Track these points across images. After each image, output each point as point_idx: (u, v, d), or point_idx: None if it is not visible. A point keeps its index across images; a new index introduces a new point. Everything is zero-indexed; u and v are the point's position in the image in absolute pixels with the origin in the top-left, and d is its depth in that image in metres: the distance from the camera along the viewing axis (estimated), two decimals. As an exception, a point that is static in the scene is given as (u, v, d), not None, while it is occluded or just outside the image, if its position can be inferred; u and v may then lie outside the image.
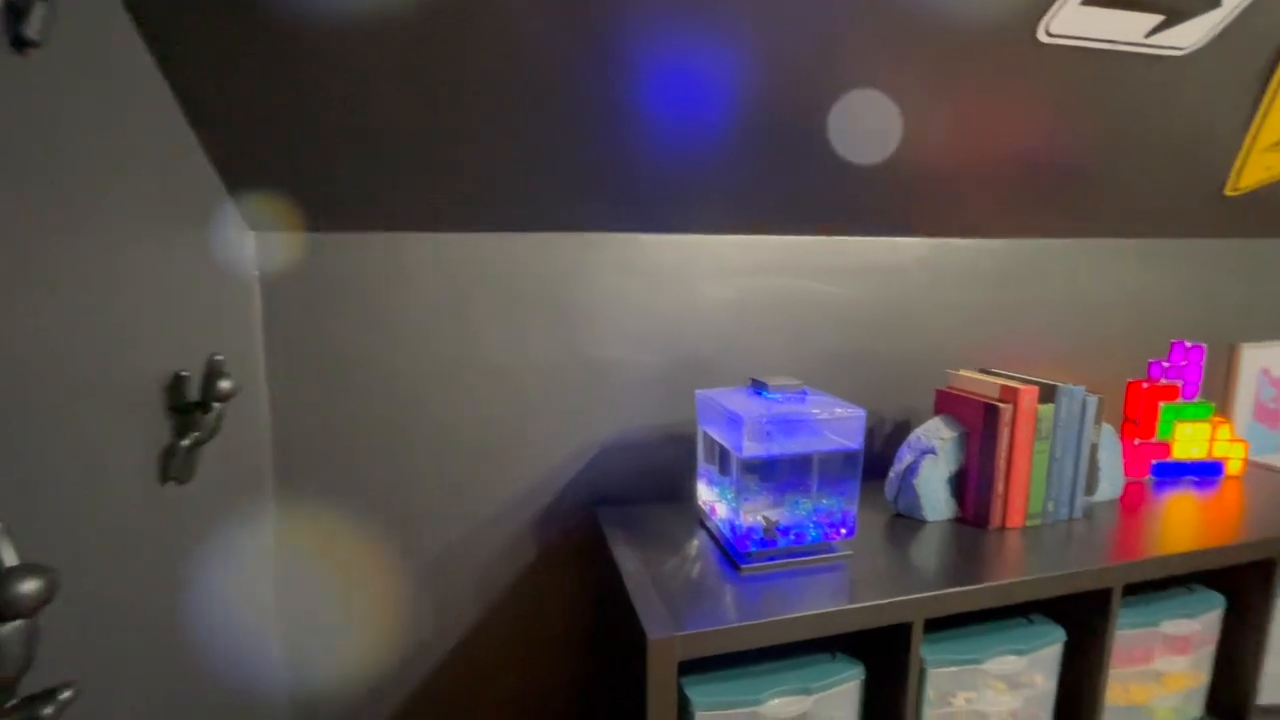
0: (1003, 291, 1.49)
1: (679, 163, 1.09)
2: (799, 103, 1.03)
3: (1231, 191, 1.43)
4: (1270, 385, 1.78)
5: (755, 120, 1.04)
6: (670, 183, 1.13)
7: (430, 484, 1.18)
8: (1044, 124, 1.19)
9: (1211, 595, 1.21)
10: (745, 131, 1.05)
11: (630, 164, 1.07)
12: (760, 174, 1.15)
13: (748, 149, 1.09)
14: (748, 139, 1.07)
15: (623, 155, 1.05)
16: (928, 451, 1.17)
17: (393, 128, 0.92)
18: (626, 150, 1.04)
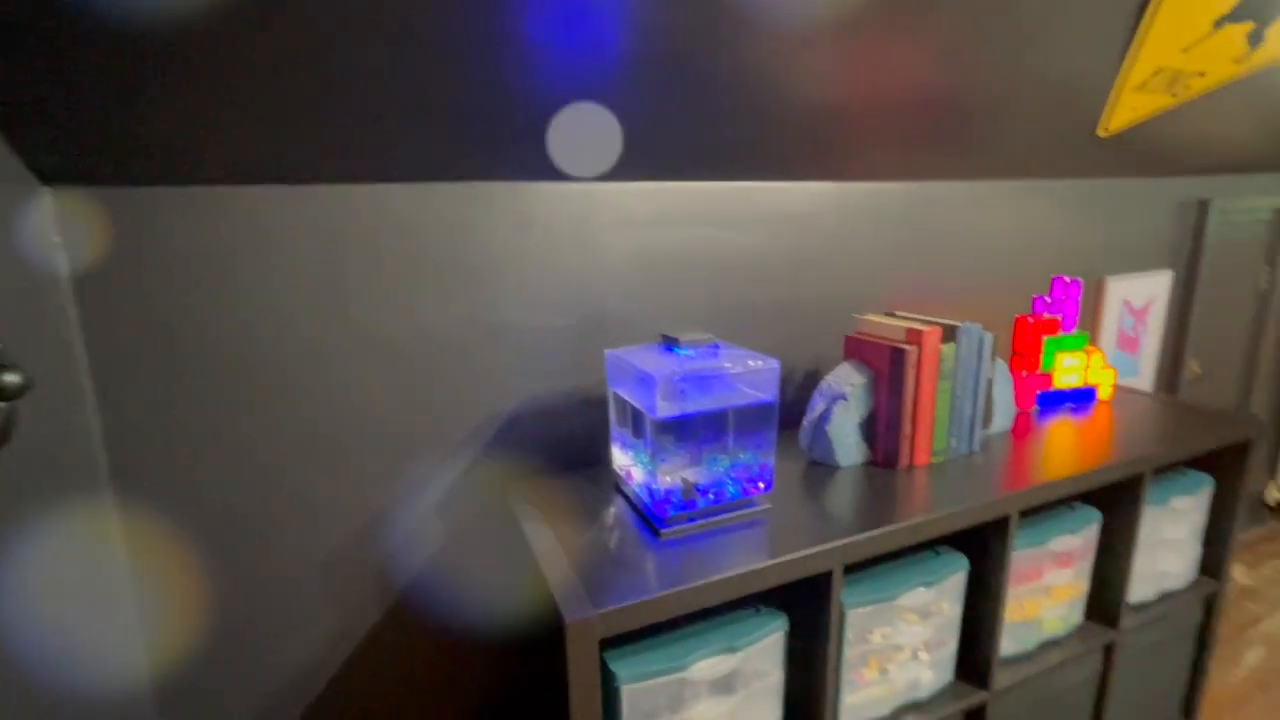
0: (903, 234, 1.51)
1: (571, 104, 0.98)
2: (700, 43, 0.95)
3: (1103, 132, 1.50)
4: (1130, 315, 1.94)
5: (654, 58, 0.95)
6: (563, 126, 1.02)
7: (305, 477, 1.05)
8: (934, 62, 1.18)
9: (1090, 511, 1.31)
10: (643, 69, 0.96)
11: (516, 104, 0.95)
12: (661, 116, 1.07)
13: (647, 88, 1.00)
14: (646, 77, 0.98)
15: (508, 94, 0.93)
16: (839, 398, 1.17)
17: (230, 54, 0.76)
18: (512, 88, 0.92)
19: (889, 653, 1.08)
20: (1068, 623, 1.32)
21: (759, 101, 1.11)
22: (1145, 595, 1.41)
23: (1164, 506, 1.37)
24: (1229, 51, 1.36)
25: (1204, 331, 2.17)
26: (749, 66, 1.03)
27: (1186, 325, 2.08)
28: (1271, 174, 2.18)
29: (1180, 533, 1.42)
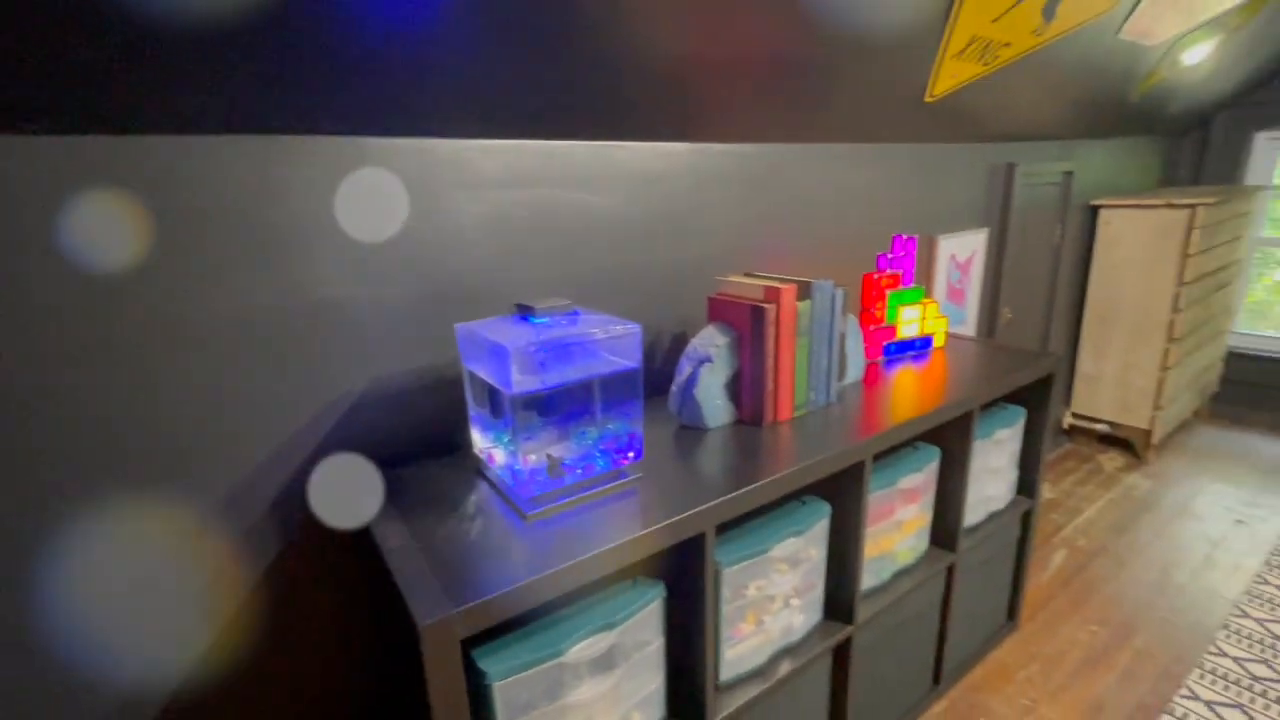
0: (758, 195, 1.53)
1: (405, 47, 0.86)
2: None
3: (929, 98, 1.61)
4: (956, 269, 2.15)
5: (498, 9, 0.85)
6: (394, 73, 0.89)
7: (92, 500, 0.87)
8: (777, 26, 1.18)
9: (930, 449, 1.43)
10: (484, 13, 0.86)
11: (339, 44, 0.81)
12: (511, 68, 0.97)
13: (489, 33, 0.90)
14: (488, 21, 0.88)
15: (328, 31, 0.79)
16: (705, 360, 1.17)
17: None
18: (334, 26, 0.78)
19: (764, 604, 1.12)
20: (916, 552, 1.45)
21: (609, 56, 1.05)
22: (977, 518, 1.58)
23: (989, 439, 1.53)
24: (1028, 24, 1.50)
25: (1013, 281, 2.46)
26: (598, 19, 0.96)
27: (1000, 276, 2.35)
28: (1060, 141, 2.49)
29: (1002, 460, 1.60)
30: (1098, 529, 2.38)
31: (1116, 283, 2.78)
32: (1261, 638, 1.78)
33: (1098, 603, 1.98)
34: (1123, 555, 2.21)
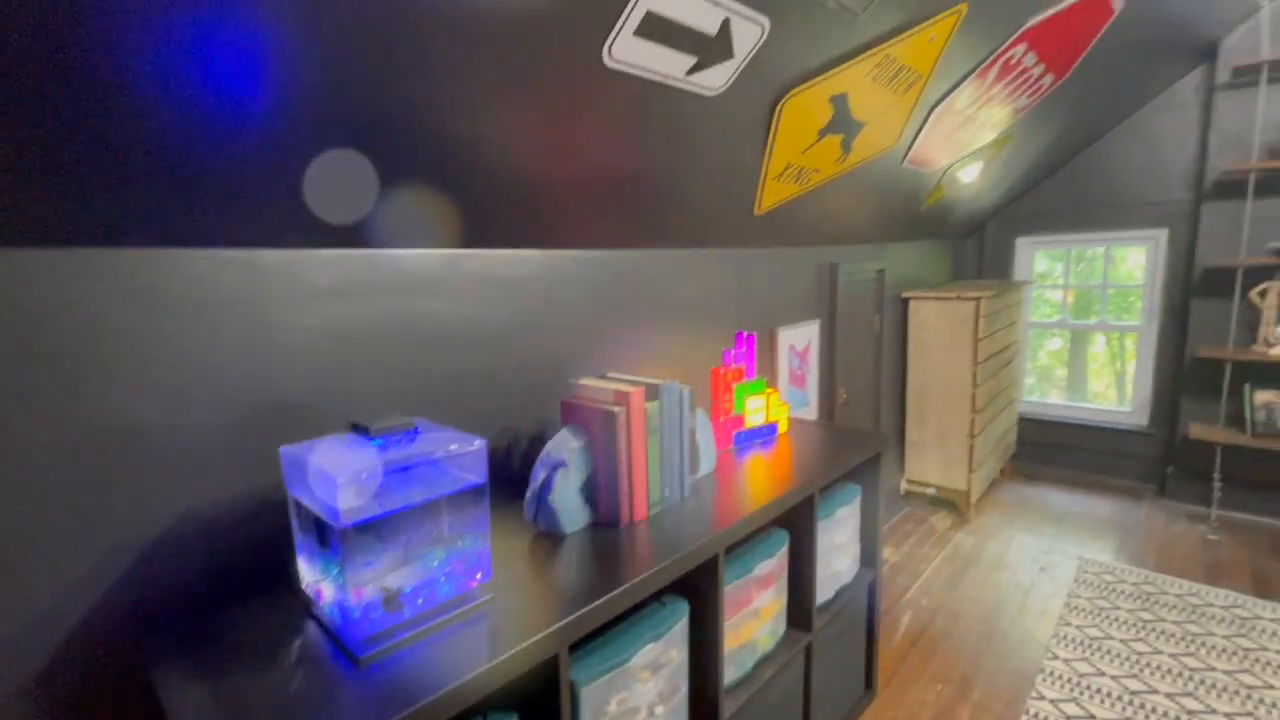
0: (613, 298, 1.60)
1: (223, 156, 0.82)
2: (396, 105, 0.88)
3: (758, 212, 1.81)
4: (796, 357, 2.36)
5: (328, 112, 0.85)
6: (213, 181, 0.85)
7: None
8: (627, 144, 1.29)
9: (781, 533, 1.51)
10: (325, 130, 0.85)
11: (147, 152, 0.76)
12: (349, 180, 0.96)
13: (326, 146, 0.89)
14: (329, 137, 0.87)
15: (135, 138, 0.74)
16: (559, 465, 1.17)
17: None
18: (142, 133, 0.73)
19: (626, 717, 1.08)
20: (775, 636, 1.49)
21: (462, 169, 1.08)
22: (827, 595, 1.67)
23: (832, 518, 1.64)
24: (832, 155, 1.77)
25: (845, 365, 2.75)
26: (449, 134, 0.99)
27: (834, 361, 2.61)
28: (873, 244, 2.89)
29: (845, 536, 1.72)
30: (935, 587, 2.60)
31: (928, 362, 3.20)
32: (1070, 677, 2.01)
33: (940, 660, 2.14)
34: (957, 610, 2.43)
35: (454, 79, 0.92)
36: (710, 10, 1.06)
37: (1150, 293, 3.46)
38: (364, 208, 1.04)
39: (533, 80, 1.00)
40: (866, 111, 1.67)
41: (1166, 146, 3.27)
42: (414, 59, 0.86)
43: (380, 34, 0.80)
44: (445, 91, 0.93)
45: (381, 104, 0.89)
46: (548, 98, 1.06)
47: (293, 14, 0.73)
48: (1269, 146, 2.92)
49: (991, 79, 1.97)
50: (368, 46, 0.81)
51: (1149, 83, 3.10)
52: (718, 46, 1.14)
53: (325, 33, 0.77)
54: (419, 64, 0.87)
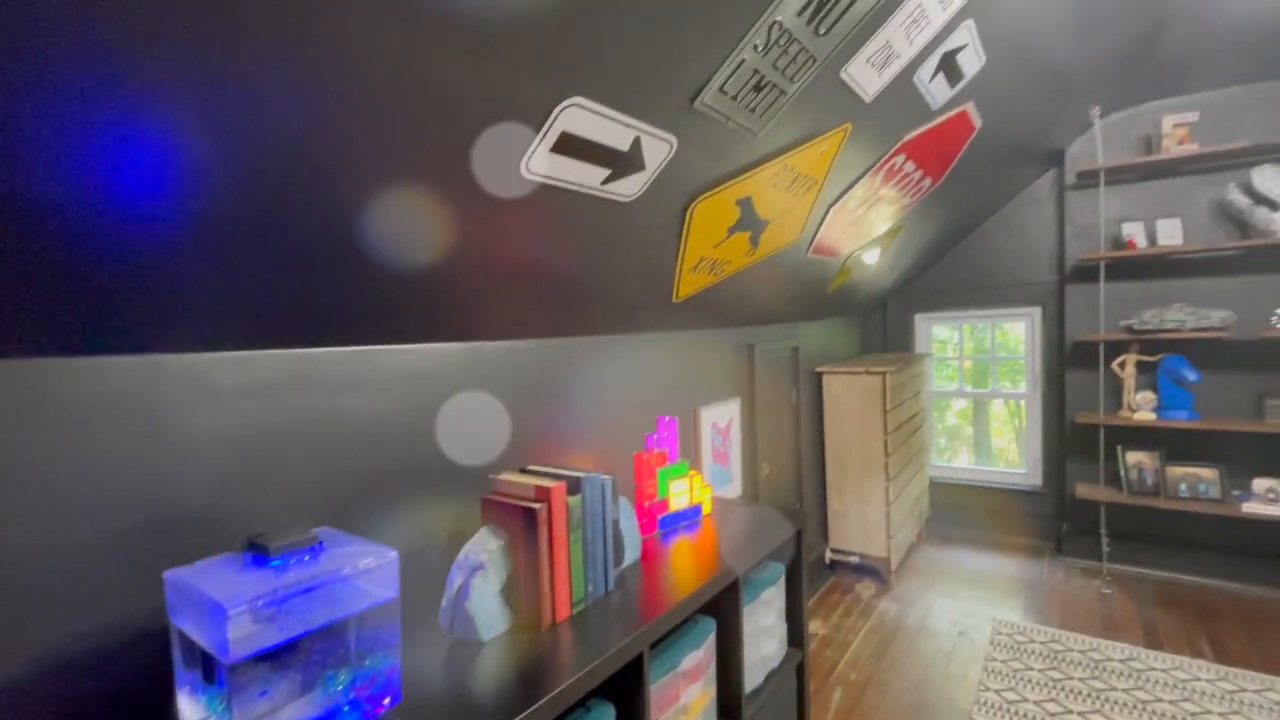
0: (534, 388, 1.61)
1: (113, 260, 0.80)
2: (301, 208, 0.88)
3: (677, 299, 1.90)
4: (719, 435, 2.42)
5: (233, 211, 0.84)
6: (102, 286, 0.82)
7: None
8: (545, 243, 1.35)
9: (707, 621, 1.50)
10: (221, 226, 0.85)
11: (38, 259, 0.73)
12: (253, 281, 0.95)
13: (231, 247, 0.88)
14: (227, 236, 0.86)
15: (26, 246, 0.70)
16: (477, 568, 1.13)
17: None
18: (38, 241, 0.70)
19: (549, 844, 1.01)
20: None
21: (376, 268, 1.08)
22: (756, 682, 1.66)
23: (757, 600, 1.66)
24: (741, 249, 1.90)
25: (767, 439, 2.84)
26: (361, 234, 1.00)
27: (755, 437, 2.70)
28: (787, 323, 3.06)
29: (771, 618, 1.73)
30: (864, 659, 2.63)
31: (843, 433, 3.35)
32: (991, 745, 2.06)
33: (871, 738, 2.14)
34: (885, 681, 2.46)
35: (365, 182, 0.95)
36: (622, 130, 1.15)
37: (1031, 363, 3.83)
38: (273, 308, 1.02)
39: (452, 186, 1.04)
40: (770, 211, 1.82)
41: (1033, 235, 3.72)
42: (328, 159, 0.88)
43: (296, 134, 0.82)
44: (353, 194, 0.95)
45: (290, 204, 0.90)
46: (467, 202, 1.10)
47: (197, 114, 0.74)
48: (1112, 238, 3.37)
49: (879, 182, 2.20)
50: (282, 146, 0.83)
51: (1013, 182, 3.54)
52: (630, 160, 1.23)
53: (237, 133, 0.78)
54: (332, 164, 0.89)
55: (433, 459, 1.35)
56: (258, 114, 0.76)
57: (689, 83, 1.19)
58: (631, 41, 1.02)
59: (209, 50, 0.67)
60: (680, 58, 1.12)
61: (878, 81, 1.57)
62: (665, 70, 1.13)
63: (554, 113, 1.02)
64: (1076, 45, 2.24)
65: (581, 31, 0.95)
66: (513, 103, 0.97)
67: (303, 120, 0.79)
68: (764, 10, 1.12)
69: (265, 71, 0.72)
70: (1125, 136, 3.29)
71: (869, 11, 1.29)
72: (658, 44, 1.07)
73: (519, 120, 1.00)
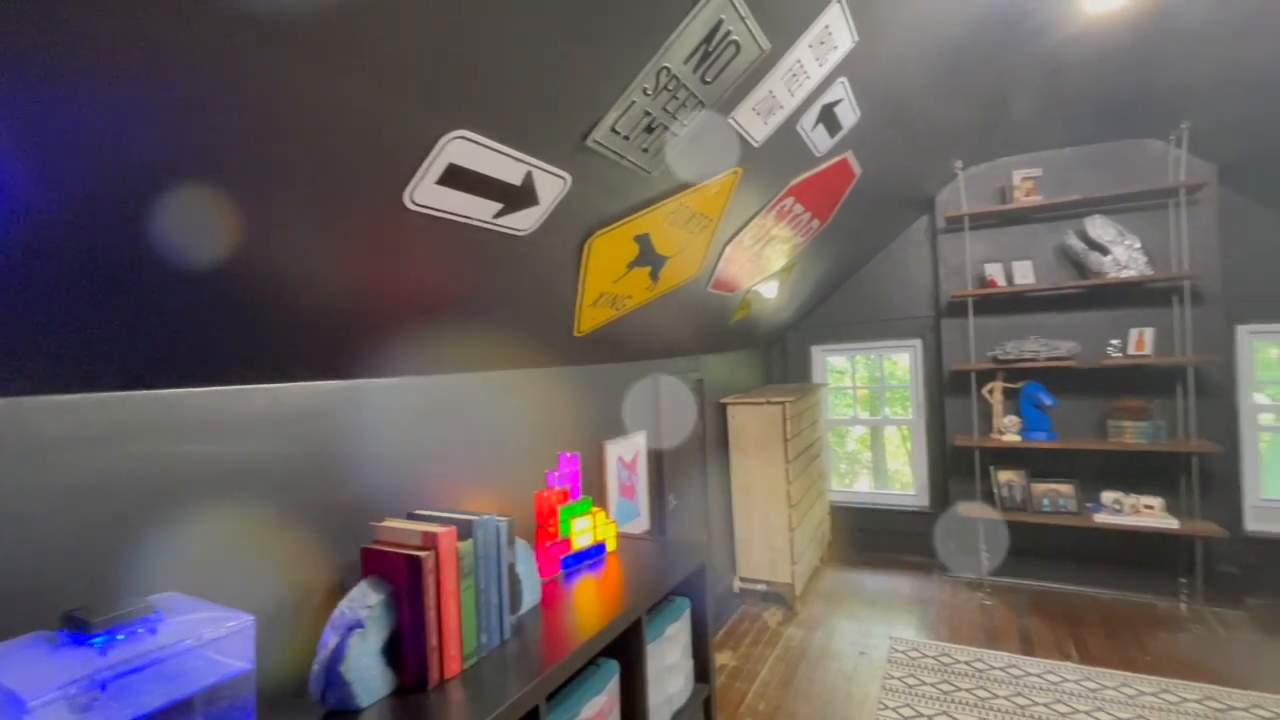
0: (425, 428, 1.53)
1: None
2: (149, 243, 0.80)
3: (579, 333, 1.89)
4: (625, 469, 2.41)
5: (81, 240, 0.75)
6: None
7: None
8: (437, 276, 1.30)
9: (609, 664, 1.46)
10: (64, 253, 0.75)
11: None
12: (99, 318, 0.84)
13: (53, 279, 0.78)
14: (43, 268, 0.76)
15: None
16: (354, 627, 1.04)
17: None
18: None
19: None
20: (609, 783, 1.40)
21: (243, 301, 0.99)
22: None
23: (662, 638, 1.63)
24: (642, 284, 1.93)
25: (674, 471, 2.86)
26: (221, 262, 0.92)
27: (662, 469, 2.70)
28: (691, 356, 3.13)
29: (676, 655, 1.71)
30: (771, 688, 2.65)
31: (748, 462, 3.44)
32: (891, 764, 2.12)
33: (779, 769, 2.14)
34: (792, 709, 2.49)
35: (225, 206, 0.88)
36: (513, 165, 1.14)
37: (916, 391, 4.12)
38: (117, 345, 0.91)
39: (328, 215, 0.99)
40: (669, 248, 1.87)
41: (913, 274, 4.04)
42: (178, 180, 0.81)
43: (144, 158, 0.75)
44: (210, 219, 0.88)
45: (137, 230, 0.81)
46: (347, 232, 1.04)
47: (23, 127, 0.65)
48: (977, 277, 3.73)
49: (771, 221, 2.32)
50: (127, 170, 0.75)
51: (893, 225, 3.86)
52: (523, 194, 1.22)
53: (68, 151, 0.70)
54: (185, 186, 0.82)
55: (309, 508, 1.24)
56: (94, 134, 0.68)
57: (580, 121, 1.20)
58: (519, 78, 1.02)
59: (30, 65, 0.60)
60: (570, 97, 1.14)
61: (764, 128, 1.67)
62: (555, 108, 1.13)
63: (439, 144, 0.99)
64: (939, 106, 2.50)
65: (466, 64, 0.94)
66: (393, 132, 0.94)
67: (151, 143, 0.72)
68: (652, 56, 1.16)
69: (103, 88, 0.65)
70: (984, 187, 3.68)
71: (751, 64, 1.37)
72: (546, 82, 1.07)
73: (400, 150, 0.97)
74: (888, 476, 5.86)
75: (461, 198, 1.11)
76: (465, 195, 1.11)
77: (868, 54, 1.73)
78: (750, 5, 1.22)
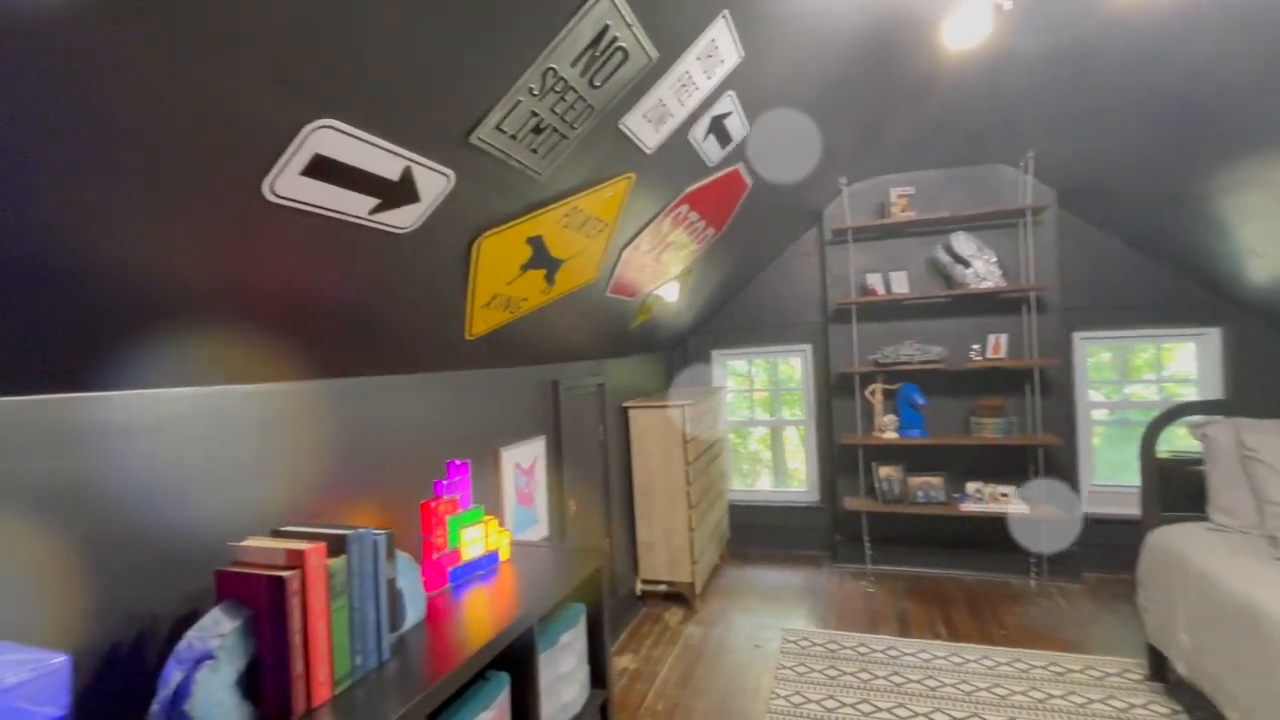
0: (297, 438, 1.43)
1: None
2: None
3: (470, 337, 1.83)
4: (522, 475, 2.36)
5: None
6: None
7: None
8: (308, 274, 1.21)
9: (500, 677, 1.41)
10: None
11: None
12: None
13: None
14: None
15: None
16: (204, 659, 0.94)
17: None
18: None
19: None
20: (498, 800, 1.36)
21: (74, 293, 0.87)
22: (556, 732, 1.60)
23: (556, 646, 1.61)
24: (537, 286, 1.90)
25: (574, 476, 2.84)
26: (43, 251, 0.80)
27: (562, 475, 2.68)
28: (592, 360, 3.13)
29: (571, 662, 1.69)
30: (670, 688, 2.69)
31: (649, 465, 3.48)
32: (781, 751, 2.21)
33: (677, 767, 2.17)
34: (690, 706, 2.53)
35: (50, 187, 0.77)
36: (390, 159, 1.09)
37: (807, 393, 4.35)
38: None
39: (172, 206, 0.89)
40: (564, 251, 1.85)
41: (804, 282, 4.27)
42: None
43: None
44: (34, 203, 0.77)
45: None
46: (195, 225, 0.95)
47: None
48: (860, 286, 4.00)
49: (668, 228, 2.36)
50: None
51: (785, 235, 4.05)
52: (402, 191, 1.17)
53: None
54: None
55: (154, 531, 1.12)
56: None
57: (463, 117, 1.16)
58: (393, 68, 0.98)
59: None
60: (451, 92, 1.10)
61: (656, 136, 1.70)
62: (435, 102, 1.09)
63: (302, 133, 0.93)
64: (823, 124, 2.66)
65: (335, 48, 0.88)
66: (249, 118, 0.87)
67: None
68: (537, 57, 1.15)
69: None
70: (866, 202, 3.96)
71: (640, 72, 1.39)
72: (424, 74, 1.03)
73: (257, 137, 0.89)
74: (787, 475, 6.13)
75: (331, 191, 1.04)
76: (336, 189, 1.04)
77: (755, 70, 1.81)
78: (637, 13, 1.24)
